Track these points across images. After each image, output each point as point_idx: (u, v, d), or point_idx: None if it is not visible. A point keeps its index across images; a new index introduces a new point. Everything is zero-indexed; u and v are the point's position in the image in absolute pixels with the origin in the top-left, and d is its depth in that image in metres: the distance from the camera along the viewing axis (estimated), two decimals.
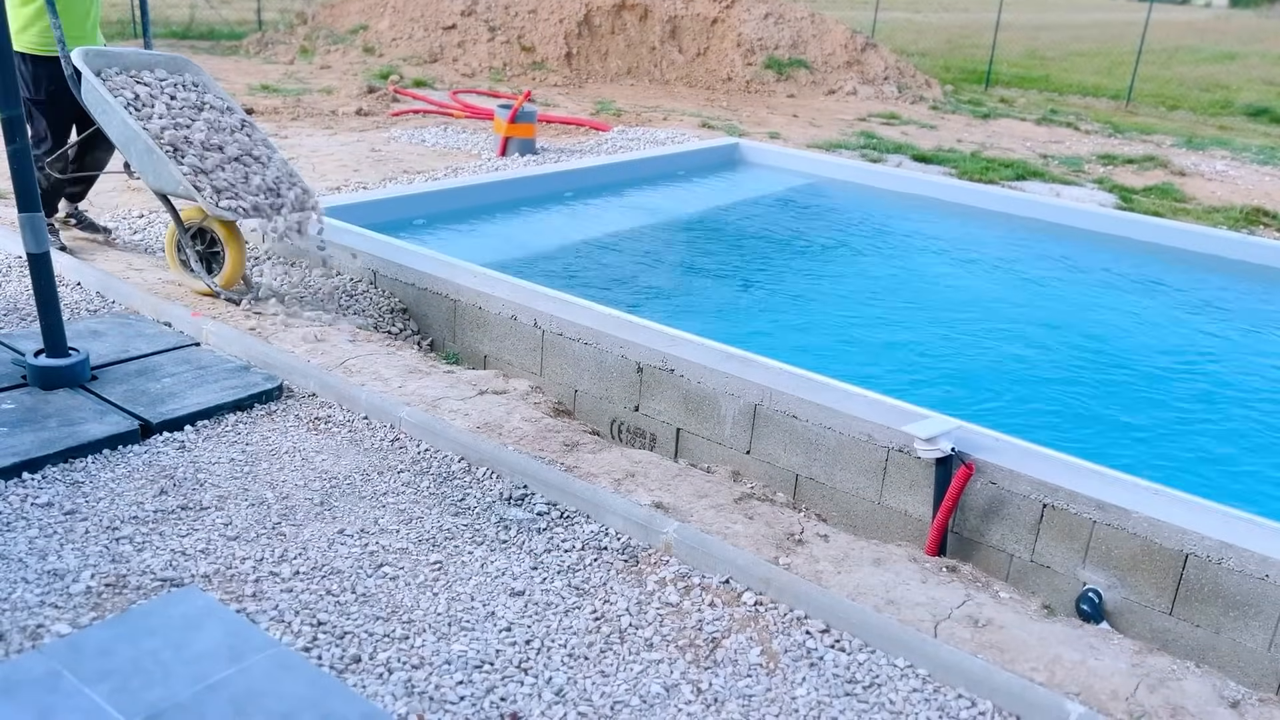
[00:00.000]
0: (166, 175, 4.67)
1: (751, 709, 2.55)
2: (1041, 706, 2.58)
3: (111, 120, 4.75)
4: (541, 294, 5.05)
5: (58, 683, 2.26)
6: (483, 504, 3.43)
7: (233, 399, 3.92)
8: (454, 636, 2.73)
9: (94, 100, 4.76)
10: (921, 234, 8.16)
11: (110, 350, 4.23)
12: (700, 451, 4.39)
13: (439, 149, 9.31)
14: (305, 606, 2.80)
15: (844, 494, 4.02)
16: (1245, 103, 17.61)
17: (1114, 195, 9.52)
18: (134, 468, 3.46)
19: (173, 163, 4.63)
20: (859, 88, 15.44)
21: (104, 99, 4.69)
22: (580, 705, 2.52)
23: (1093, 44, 27.20)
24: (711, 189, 9.15)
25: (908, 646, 2.78)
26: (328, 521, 3.24)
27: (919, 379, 5.35)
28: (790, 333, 5.95)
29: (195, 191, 4.60)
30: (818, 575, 3.08)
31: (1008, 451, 3.74)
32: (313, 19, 16.27)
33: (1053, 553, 3.57)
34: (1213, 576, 3.27)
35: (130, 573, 2.88)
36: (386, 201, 7.02)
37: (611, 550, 3.21)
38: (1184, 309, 6.82)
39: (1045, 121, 14.14)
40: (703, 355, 4.40)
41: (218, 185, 4.67)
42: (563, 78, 14.45)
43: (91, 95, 4.76)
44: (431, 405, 4.00)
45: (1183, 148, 12.50)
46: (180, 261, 5.02)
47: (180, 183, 4.62)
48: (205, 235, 4.93)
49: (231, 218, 4.67)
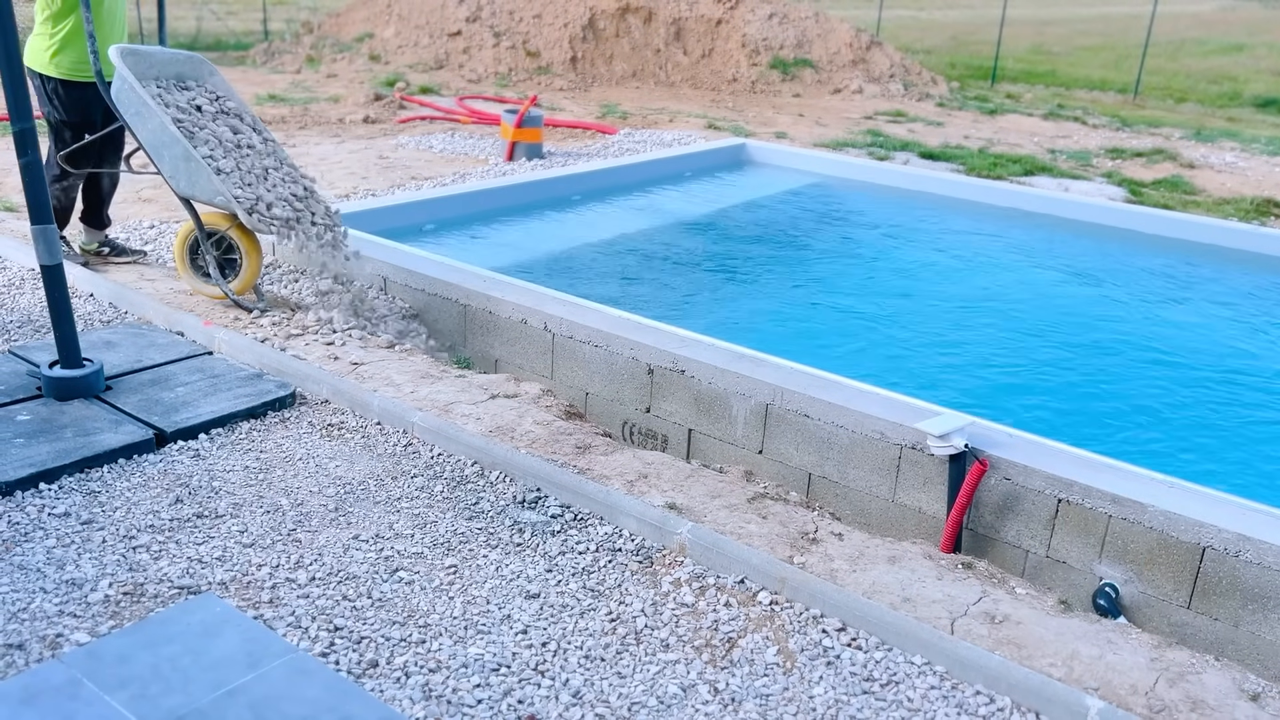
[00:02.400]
0: (204, 184, 4.64)
1: (769, 708, 2.55)
2: (1061, 702, 2.57)
3: (146, 123, 4.67)
4: (551, 297, 5.05)
5: (78, 690, 2.27)
6: (496, 508, 3.43)
7: (246, 407, 3.94)
8: (470, 640, 2.74)
9: (129, 101, 4.67)
10: (931, 230, 8.15)
11: (124, 360, 4.25)
12: (712, 452, 4.38)
13: (446, 155, 9.33)
14: (322, 612, 2.80)
15: (857, 492, 4.01)
16: (1253, 94, 17.52)
17: (1123, 189, 9.48)
18: (149, 477, 3.47)
19: (212, 172, 4.62)
20: (865, 86, 15.43)
21: (143, 101, 4.62)
22: (598, 707, 2.52)
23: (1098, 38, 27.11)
24: (719, 190, 9.15)
25: (925, 644, 2.77)
26: (342, 527, 3.25)
27: (932, 376, 5.34)
28: (801, 331, 5.94)
29: (234, 202, 4.62)
30: (833, 574, 3.08)
31: (1022, 447, 3.73)
32: (318, 28, 16.34)
33: (1068, 548, 3.56)
34: (1230, 569, 3.25)
35: (148, 581, 2.89)
36: (395, 208, 7.04)
37: (626, 552, 3.21)
38: (1194, 301, 6.79)
39: (1052, 116, 14.10)
40: (713, 356, 4.40)
41: (250, 197, 4.69)
42: (568, 82, 14.47)
43: (128, 96, 4.66)
44: (444, 410, 4.01)
45: (1191, 140, 12.45)
46: (193, 266, 5.04)
47: (220, 193, 4.62)
48: (222, 241, 4.93)
49: (266, 231, 4.70)
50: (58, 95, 5.09)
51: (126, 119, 4.73)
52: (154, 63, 4.88)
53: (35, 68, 5.04)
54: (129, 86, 4.65)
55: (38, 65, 5.04)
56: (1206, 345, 6.02)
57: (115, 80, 4.69)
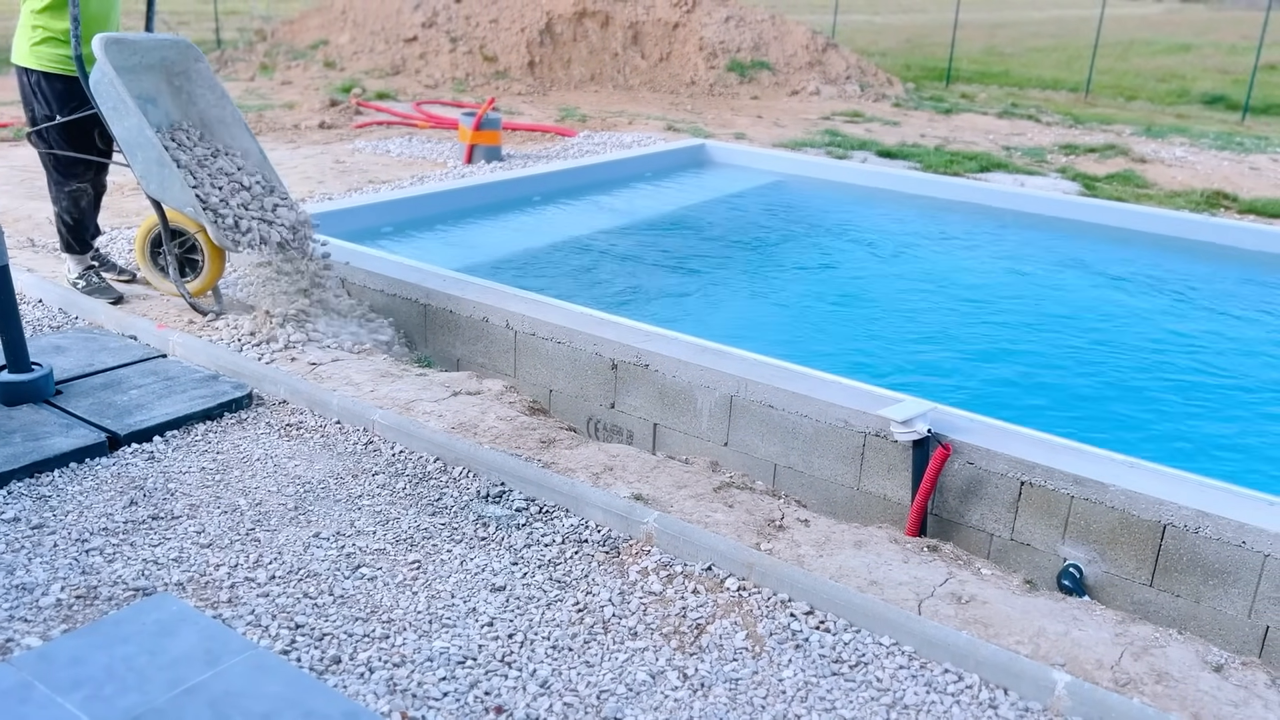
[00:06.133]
0: (175, 192, 4.53)
1: (739, 692, 2.53)
2: (1029, 677, 2.58)
3: (123, 120, 4.52)
4: (512, 294, 5.01)
5: (29, 694, 2.20)
6: (460, 503, 3.39)
7: (202, 408, 3.86)
8: (435, 634, 2.70)
9: (106, 95, 4.51)
10: (889, 226, 8.20)
11: (74, 365, 4.16)
12: (677, 446, 4.37)
13: (404, 159, 9.26)
14: (282, 610, 2.75)
15: (823, 481, 4.01)
16: (1201, 91, 17.86)
17: (1077, 183, 9.61)
18: (102, 480, 3.39)
19: (184, 180, 4.51)
20: (822, 88, 15.53)
21: (120, 98, 4.47)
22: (566, 696, 2.49)
23: (1050, 39, 27.52)
24: (680, 190, 9.16)
25: (893, 624, 2.77)
26: (303, 526, 3.19)
27: (894, 365, 5.37)
28: (764, 325, 5.95)
29: (203, 215, 4.51)
30: (800, 559, 3.07)
31: (984, 432, 3.74)
32: (272, 35, 16.17)
33: (1032, 530, 3.58)
34: (1191, 546, 3.29)
35: (101, 584, 2.82)
36: (352, 210, 6.96)
37: (592, 542, 3.18)
38: (1146, 288, 6.89)
39: (1007, 115, 14.27)
40: (677, 349, 4.39)
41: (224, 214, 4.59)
42: (526, 86, 14.43)
43: (106, 90, 4.50)
44: (405, 408, 3.96)
45: (1142, 136, 12.65)
46: (154, 261, 4.93)
47: (190, 203, 4.51)
48: (186, 241, 4.82)
49: (233, 250, 4.60)
50: (41, 90, 4.79)
51: (104, 112, 4.56)
52: (138, 49, 4.67)
53: (18, 62, 4.80)
54: (108, 81, 4.47)
55: (20, 59, 4.79)
56: (1160, 329, 6.10)
57: (95, 71, 4.50)
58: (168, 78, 4.86)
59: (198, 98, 4.92)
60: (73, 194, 4.97)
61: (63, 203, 4.97)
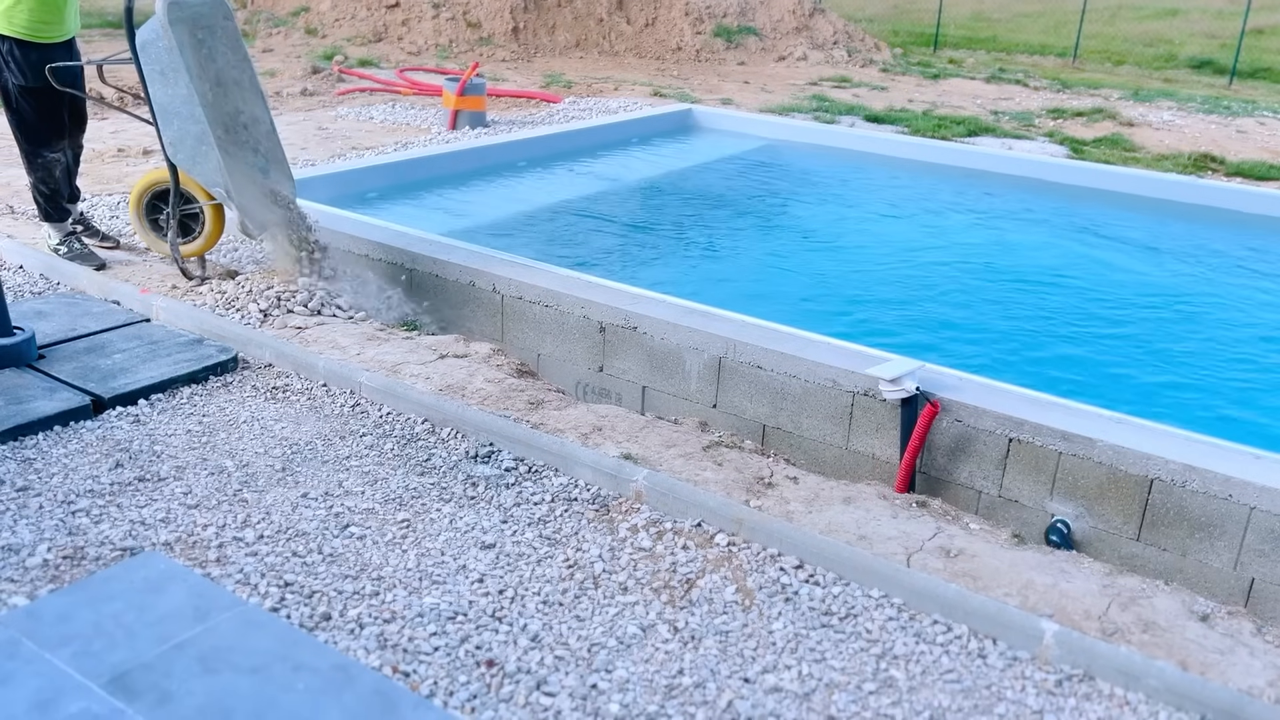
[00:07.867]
0: (206, 171, 4.46)
1: (729, 644, 2.54)
2: (1017, 627, 2.59)
3: (170, 88, 4.37)
4: (499, 258, 4.98)
5: (16, 650, 2.19)
6: (449, 463, 3.38)
7: (186, 371, 3.83)
8: (425, 590, 2.69)
9: (156, 59, 4.33)
10: (878, 189, 8.18)
11: (57, 329, 4.11)
12: (666, 408, 4.36)
13: (388, 125, 9.17)
14: (271, 569, 2.74)
15: (811, 441, 4.01)
16: (1189, 56, 17.82)
17: (1064, 147, 9.59)
18: (87, 443, 3.37)
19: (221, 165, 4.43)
20: (809, 53, 15.42)
21: (174, 65, 4.30)
22: (557, 649, 2.49)
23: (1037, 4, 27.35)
24: (667, 155, 9.10)
25: (882, 577, 2.78)
26: (290, 486, 3.18)
27: (883, 325, 5.36)
28: (751, 287, 5.93)
29: (229, 199, 4.47)
30: (789, 515, 3.07)
31: (972, 389, 3.75)
32: (252, 2, 15.94)
33: (1020, 486, 3.59)
34: (1178, 500, 3.31)
35: (88, 544, 2.80)
36: (336, 175, 6.89)
37: (582, 501, 3.18)
38: (1135, 248, 6.89)
39: (994, 80, 14.22)
40: (666, 312, 4.37)
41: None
42: (510, 52, 14.28)
43: (157, 54, 4.32)
44: (392, 370, 3.94)
45: (1130, 100, 12.62)
46: (150, 221, 4.88)
47: (222, 187, 4.46)
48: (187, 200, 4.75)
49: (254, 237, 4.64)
50: (13, 57, 4.66)
51: (145, 73, 4.41)
52: (184, 5, 4.47)
53: None
54: (166, 47, 4.29)
55: None
56: (1147, 288, 6.12)
57: (147, 31, 4.35)
58: (191, 30, 4.70)
59: (217, 55, 4.72)
60: (46, 164, 4.89)
61: (37, 173, 4.90)
